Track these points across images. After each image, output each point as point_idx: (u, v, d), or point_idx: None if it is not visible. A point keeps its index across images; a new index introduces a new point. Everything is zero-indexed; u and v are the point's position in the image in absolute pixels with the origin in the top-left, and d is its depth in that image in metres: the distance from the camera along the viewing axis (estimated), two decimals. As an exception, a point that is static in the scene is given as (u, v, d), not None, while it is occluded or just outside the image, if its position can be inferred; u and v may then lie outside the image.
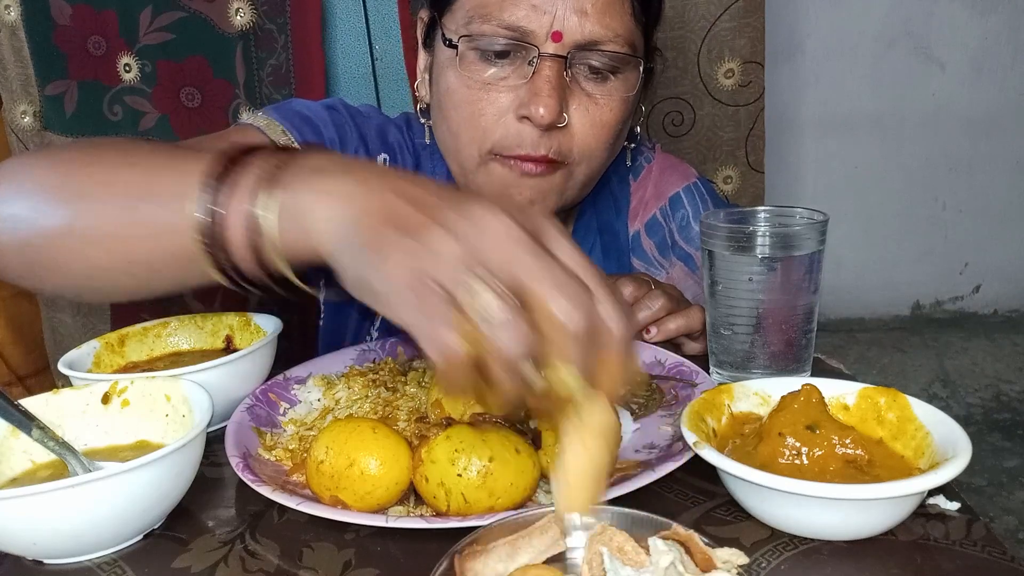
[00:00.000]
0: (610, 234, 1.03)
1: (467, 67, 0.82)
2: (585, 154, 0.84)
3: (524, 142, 0.81)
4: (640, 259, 1.04)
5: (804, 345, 0.75)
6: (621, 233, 1.04)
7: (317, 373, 0.80)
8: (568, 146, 0.83)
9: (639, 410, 0.71)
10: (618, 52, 0.81)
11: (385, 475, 0.57)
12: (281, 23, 1.50)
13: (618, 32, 0.80)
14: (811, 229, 0.72)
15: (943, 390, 2.64)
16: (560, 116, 0.80)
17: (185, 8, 1.51)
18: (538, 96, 0.78)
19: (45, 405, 0.66)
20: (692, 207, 1.04)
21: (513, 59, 0.81)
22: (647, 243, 1.04)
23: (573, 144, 0.83)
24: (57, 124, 1.63)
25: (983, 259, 2.92)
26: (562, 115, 0.80)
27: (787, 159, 2.77)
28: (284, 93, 1.53)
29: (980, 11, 2.68)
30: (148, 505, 0.56)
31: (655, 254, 1.04)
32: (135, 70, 1.56)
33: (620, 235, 1.04)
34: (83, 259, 0.61)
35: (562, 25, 0.78)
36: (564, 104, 0.80)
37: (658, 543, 0.42)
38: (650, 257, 1.03)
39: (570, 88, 0.81)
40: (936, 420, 0.57)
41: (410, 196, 0.48)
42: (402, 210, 0.47)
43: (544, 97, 0.78)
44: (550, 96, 0.78)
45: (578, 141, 0.83)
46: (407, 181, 0.50)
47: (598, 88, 0.83)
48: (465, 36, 0.81)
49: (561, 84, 0.79)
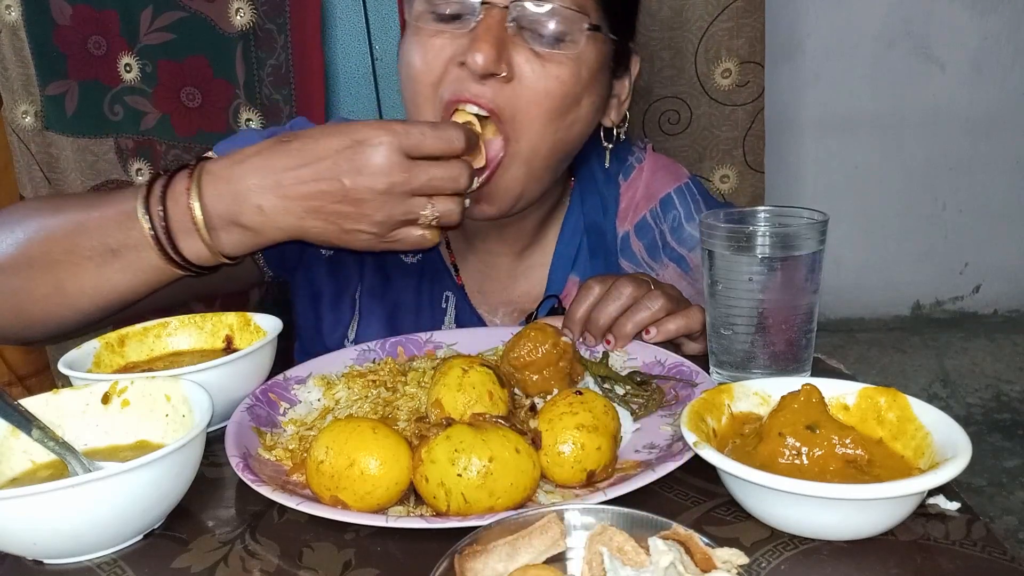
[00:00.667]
0: (597, 234, 1.02)
1: (420, 22, 0.85)
2: (528, 117, 0.84)
3: (466, 88, 0.82)
4: (629, 260, 1.03)
5: (804, 345, 0.75)
6: (609, 233, 1.03)
7: (317, 373, 0.80)
8: (513, 102, 0.83)
9: (639, 410, 0.71)
10: (561, 6, 0.81)
11: (385, 475, 0.57)
12: (281, 23, 1.50)
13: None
14: (811, 229, 0.72)
15: (943, 390, 2.64)
16: (498, 64, 0.80)
17: (185, 8, 1.51)
18: (475, 42, 0.80)
19: (45, 405, 0.66)
20: (684, 208, 1.03)
21: (463, 20, 0.82)
22: (636, 245, 1.03)
23: (519, 100, 0.83)
24: (58, 124, 1.63)
25: (983, 259, 2.92)
26: (500, 64, 0.80)
27: (787, 159, 2.77)
28: (284, 93, 1.53)
29: (980, 11, 2.68)
30: (148, 505, 0.56)
31: (644, 256, 1.03)
32: (136, 70, 1.56)
33: (607, 235, 1.03)
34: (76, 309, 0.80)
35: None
36: (506, 56, 0.81)
37: (658, 543, 0.42)
38: (639, 259, 1.03)
39: (515, 43, 0.82)
40: (936, 420, 0.57)
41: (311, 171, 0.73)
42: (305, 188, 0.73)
43: (480, 43, 0.79)
44: (486, 42, 0.79)
45: (523, 97, 0.83)
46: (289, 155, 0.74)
47: (546, 50, 0.83)
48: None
49: (500, 34, 0.80)
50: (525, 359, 0.73)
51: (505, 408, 0.64)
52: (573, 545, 0.47)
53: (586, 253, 1.02)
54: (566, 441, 0.59)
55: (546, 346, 0.73)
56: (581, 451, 0.59)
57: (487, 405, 0.63)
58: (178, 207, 0.75)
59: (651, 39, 1.58)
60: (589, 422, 0.60)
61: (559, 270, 1.01)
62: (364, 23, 1.56)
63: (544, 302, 1.00)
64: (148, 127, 1.60)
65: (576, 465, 0.59)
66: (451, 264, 1.01)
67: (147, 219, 0.76)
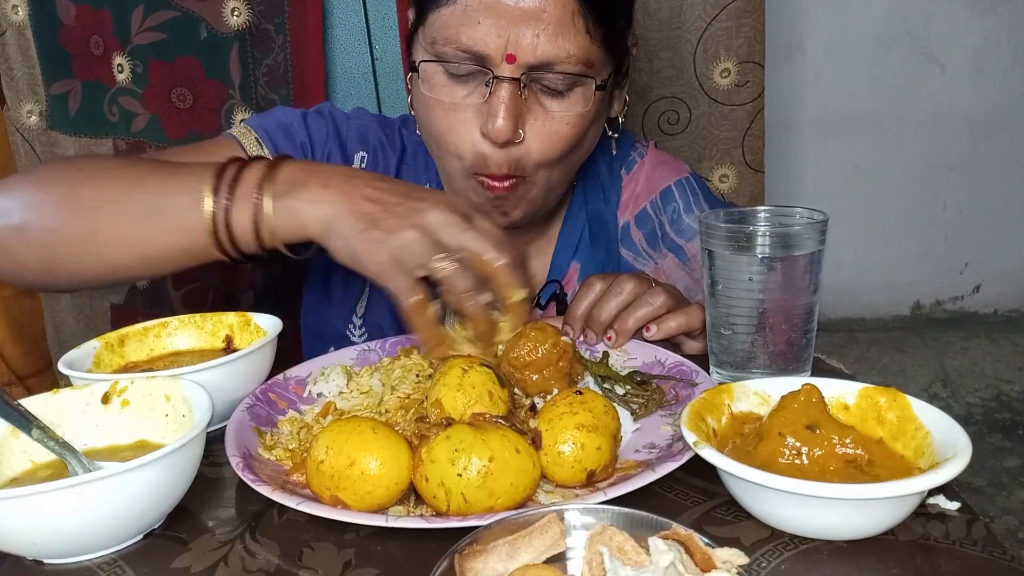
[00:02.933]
0: (598, 222, 1.05)
1: (434, 88, 0.86)
2: (543, 164, 0.87)
3: (489, 162, 0.85)
4: (628, 249, 1.06)
5: (804, 345, 0.75)
6: (610, 222, 1.06)
7: (317, 372, 0.80)
8: (526, 159, 0.86)
9: (639, 410, 0.71)
10: (570, 73, 0.83)
11: (385, 475, 0.57)
12: (279, 23, 1.50)
13: (571, 52, 0.82)
14: (811, 229, 0.72)
15: (943, 390, 2.64)
16: (515, 134, 0.83)
17: (178, 8, 1.50)
18: (493, 117, 0.82)
19: (45, 405, 0.66)
20: (683, 200, 1.06)
21: (475, 80, 0.84)
22: (636, 234, 1.06)
23: (531, 157, 0.86)
24: (61, 124, 1.63)
25: (983, 259, 2.92)
26: (517, 132, 0.83)
27: (787, 159, 2.77)
28: (281, 93, 1.53)
29: (980, 11, 2.68)
30: (148, 505, 0.56)
31: (644, 245, 1.06)
32: (127, 70, 1.56)
33: (608, 224, 1.06)
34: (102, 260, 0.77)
35: (515, 48, 0.81)
36: (520, 121, 0.84)
37: (658, 543, 0.42)
38: (639, 248, 1.06)
39: (527, 106, 0.84)
40: (936, 420, 0.57)
41: (374, 197, 0.71)
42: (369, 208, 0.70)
43: (498, 118, 0.82)
44: (504, 117, 0.82)
45: (535, 154, 0.86)
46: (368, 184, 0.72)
47: (555, 103, 0.85)
48: (426, 60, 0.86)
49: (515, 103, 0.82)
50: (525, 359, 0.73)
51: (505, 408, 0.64)
52: (573, 545, 0.47)
53: (587, 241, 1.05)
54: (566, 441, 0.59)
55: (546, 346, 0.73)
56: (581, 451, 0.59)
57: (487, 405, 0.63)
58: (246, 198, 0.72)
59: (650, 39, 1.58)
60: (589, 422, 0.60)
61: (561, 257, 1.05)
62: (364, 23, 1.56)
63: (546, 287, 1.03)
64: (139, 128, 1.59)
65: (576, 465, 0.59)
66: None
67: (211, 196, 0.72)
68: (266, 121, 0.98)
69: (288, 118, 0.99)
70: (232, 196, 0.72)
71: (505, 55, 0.81)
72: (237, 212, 0.72)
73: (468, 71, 0.84)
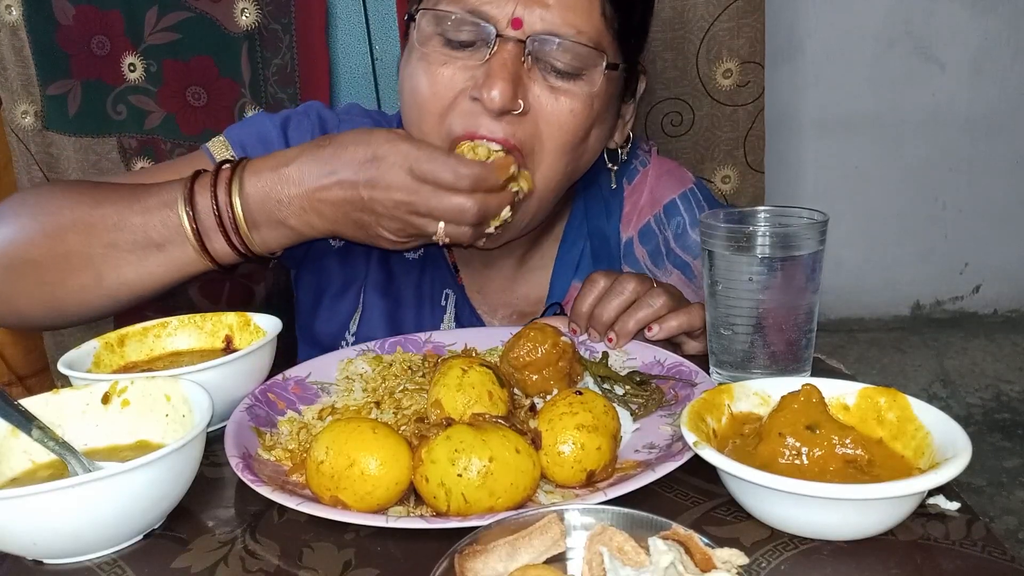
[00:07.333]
0: (600, 239, 1.02)
1: (428, 47, 0.82)
2: (543, 151, 0.83)
3: (480, 124, 0.80)
4: (631, 266, 1.02)
5: (804, 345, 0.75)
6: (612, 238, 1.02)
7: (317, 373, 0.80)
8: (529, 135, 0.81)
9: (639, 410, 0.71)
10: (580, 43, 0.79)
11: (385, 475, 0.57)
12: (286, 23, 1.51)
13: (581, 29, 0.79)
14: (811, 229, 0.72)
15: (943, 390, 2.64)
16: (514, 101, 0.78)
17: (191, 8, 1.51)
18: (490, 78, 0.77)
19: (45, 405, 0.66)
20: (689, 214, 1.02)
21: (475, 48, 0.80)
22: (639, 251, 1.02)
23: (535, 134, 0.81)
24: (60, 124, 1.63)
25: (983, 259, 2.92)
26: (516, 100, 0.78)
27: (787, 159, 2.77)
28: (289, 92, 1.54)
29: (980, 11, 2.68)
30: (148, 505, 0.56)
31: (647, 262, 1.02)
32: (140, 69, 1.57)
33: (611, 240, 1.02)
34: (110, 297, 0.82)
35: (523, 13, 0.78)
36: (521, 91, 0.79)
37: (658, 543, 0.42)
38: (642, 265, 1.02)
39: (530, 77, 0.80)
40: (936, 420, 0.57)
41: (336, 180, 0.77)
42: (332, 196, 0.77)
43: (495, 79, 0.77)
44: (502, 79, 0.77)
45: (537, 134, 0.81)
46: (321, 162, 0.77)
47: (562, 83, 0.81)
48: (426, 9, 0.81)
49: (516, 68, 0.78)
50: (524, 359, 0.73)
51: (505, 408, 0.64)
52: (573, 545, 0.47)
53: (589, 259, 1.01)
54: (566, 441, 0.59)
55: (545, 346, 0.73)
56: (581, 451, 0.59)
57: (487, 405, 0.63)
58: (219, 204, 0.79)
59: (654, 40, 1.58)
60: (589, 422, 0.60)
61: (562, 276, 1.01)
62: (364, 23, 1.57)
63: (547, 311, 0.99)
64: (153, 126, 1.61)
65: (576, 465, 0.59)
66: (451, 264, 1.01)
67: (188, 215, 0.78)
68: (244, 132, 0.97)
69: (267, 128, 0.97)
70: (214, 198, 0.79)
71: (512, 19, 0.78)
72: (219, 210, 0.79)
73: (468, 38, 0.79)
